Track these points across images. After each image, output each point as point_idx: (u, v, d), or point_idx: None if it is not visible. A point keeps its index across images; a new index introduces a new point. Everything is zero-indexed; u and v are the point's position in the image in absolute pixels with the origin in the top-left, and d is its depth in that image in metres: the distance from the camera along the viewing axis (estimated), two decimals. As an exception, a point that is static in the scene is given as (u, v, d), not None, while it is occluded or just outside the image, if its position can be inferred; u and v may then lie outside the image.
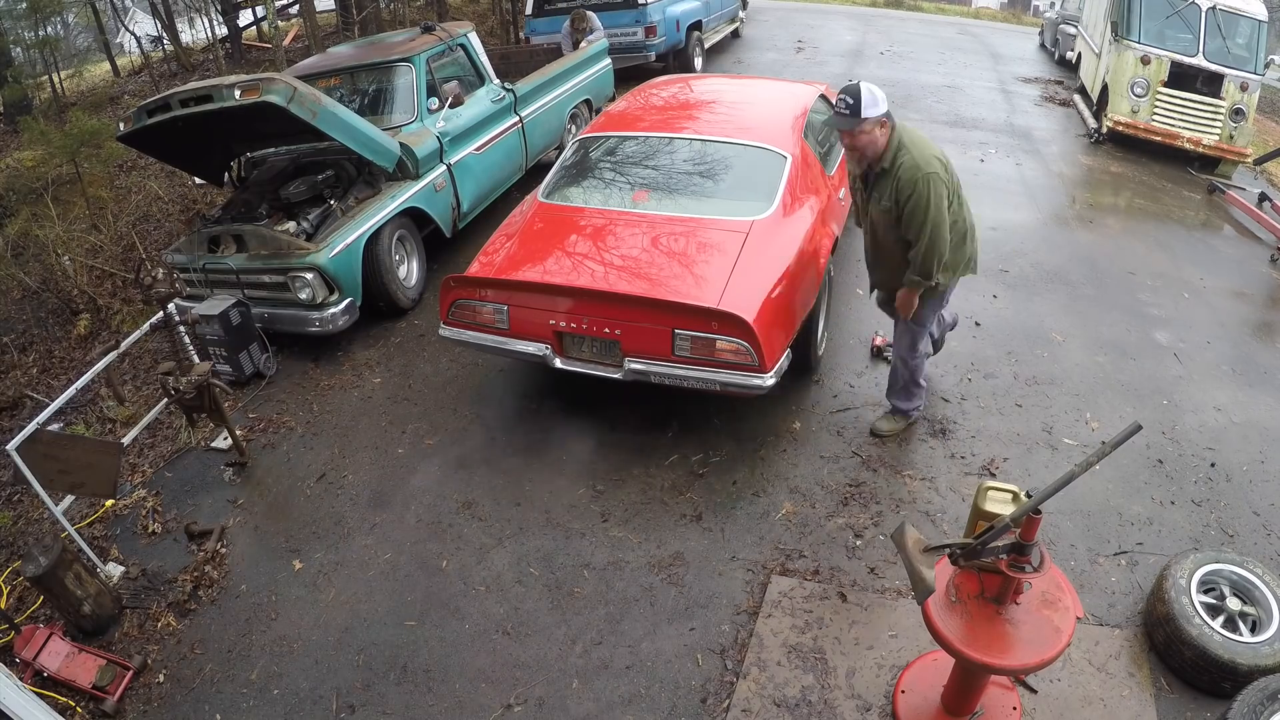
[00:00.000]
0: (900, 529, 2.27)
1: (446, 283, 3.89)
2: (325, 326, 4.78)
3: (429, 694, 2.98)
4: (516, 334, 3.83)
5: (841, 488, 3.74)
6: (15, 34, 9.70)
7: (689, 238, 3.87)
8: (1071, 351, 4.76)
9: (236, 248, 4.79)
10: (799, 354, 4.07)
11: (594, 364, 3.76)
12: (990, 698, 2.63)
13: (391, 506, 3.84)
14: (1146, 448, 3.96)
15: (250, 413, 4.58)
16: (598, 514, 3.67)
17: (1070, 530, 3.47)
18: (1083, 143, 8.79)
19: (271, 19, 8.51)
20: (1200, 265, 6.13)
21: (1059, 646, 2.14)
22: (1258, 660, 2.66)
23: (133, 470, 4.28)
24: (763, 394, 3.54)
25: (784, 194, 4.05)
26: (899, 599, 3.16)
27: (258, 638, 3.28)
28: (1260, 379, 4.65)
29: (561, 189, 4.46)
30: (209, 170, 5.64)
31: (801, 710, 2.79)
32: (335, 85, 5.78)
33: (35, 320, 6.26)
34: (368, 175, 5.28)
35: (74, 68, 11.37)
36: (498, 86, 6.37)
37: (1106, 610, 3.11)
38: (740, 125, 4.55)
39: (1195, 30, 8.06)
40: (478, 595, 3.35)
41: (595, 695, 2.92)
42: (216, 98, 4.33)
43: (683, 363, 3.54)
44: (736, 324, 3.34)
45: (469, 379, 4.69)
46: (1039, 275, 5.64)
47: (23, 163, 7.93)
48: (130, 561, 3.70)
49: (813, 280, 3.95)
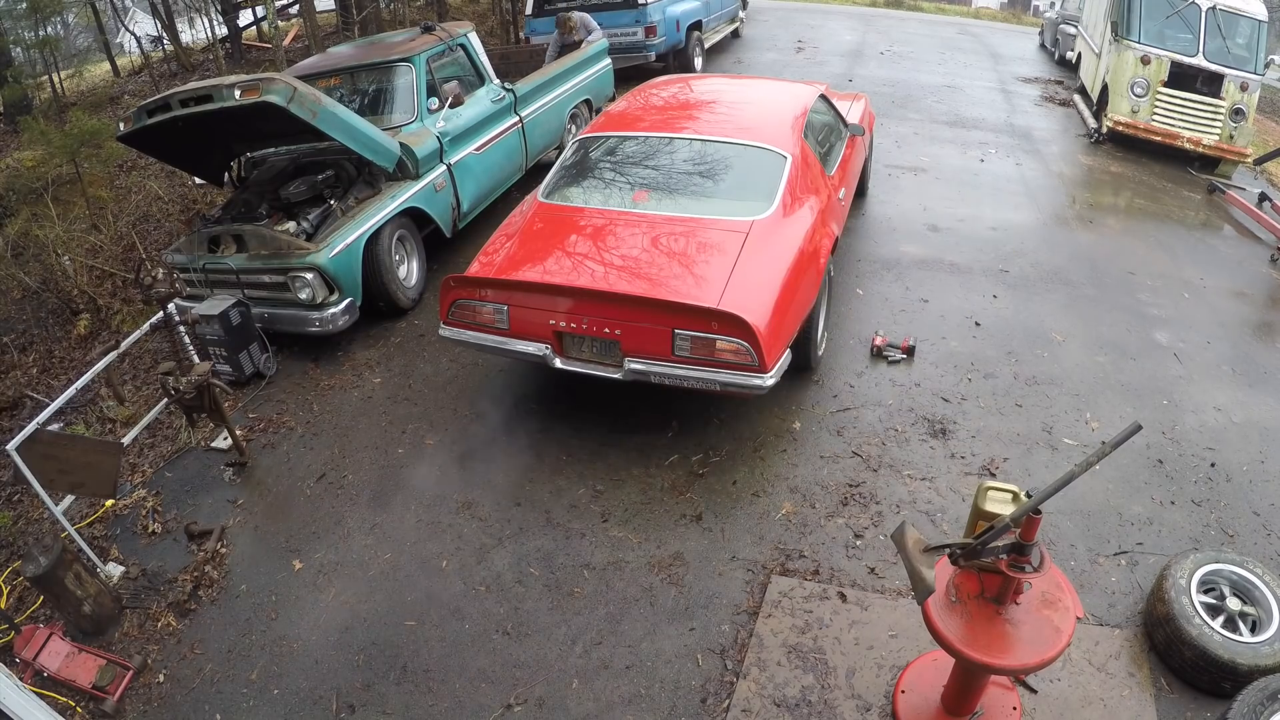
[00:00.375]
0: (900, 529, 2.27)
1: (446, 283, 3.88)
2: (325, 326, 4.78)
3: (429, 694, 2.98)
4: (516, 334, 3.82)
5: (841, 488, 3.74)
6: (15, 34, 9.69)
7: (689, 238, 3.87)
8: (1071, 351, 4.76)
9: (236, 248, 4.79)
10: (799, 354, 4.07)
11: (594, 364, 3.76)
12: (990, 698, 2.63)
13: (391, 506, 3.84)
14: (1146, 448, 3.96)
15: (250, 413, 4.58)
16: (598, 514, 3.67)
17: (1070, 530, 3.47)
18: (1083, 143, 8.79)
19: (271, 19, 8.51)
20: (1200, 265, 6.13)
21: (1059, 646, 2.14)
22: (1258, 660, 2.66)
23: (133, 470, 4.28)
24: (763, 394, 3.54)
25: (784, 194, 4.05)
26: (899, 599, 3.16)
27: (258, 638, 3.28)
28: (1260, 379, 4.65)
29: (561, 189, 4.46)
30: (209, 170, 5.64)
31: (801, 710, 2.79)
32: (335, 85, 5.78)
33: (35, 320, 6.27)
34: (368, 175, 5.28)
35: (74, 68, 11.36)
36: (498, 86, 6.37)
37: (1106, 610, 3.11)
38: (740, 125, 4.55)
39: (1195, 30, 8.06)
40: (478, 595, 3.35)
41: (595, 695, 2.92)
42: (216, 98, 4.33)
43: (683, 363, 3.54)
44: (736, 324, 3.34)
45: (469, 379, 4.69)
46: (1039, 275, 5.64)
47: (23, 163, 7.93)
48: (130, 561, 3.70)
49: (812, 280, 3.95)
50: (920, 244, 6.02)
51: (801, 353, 4.13)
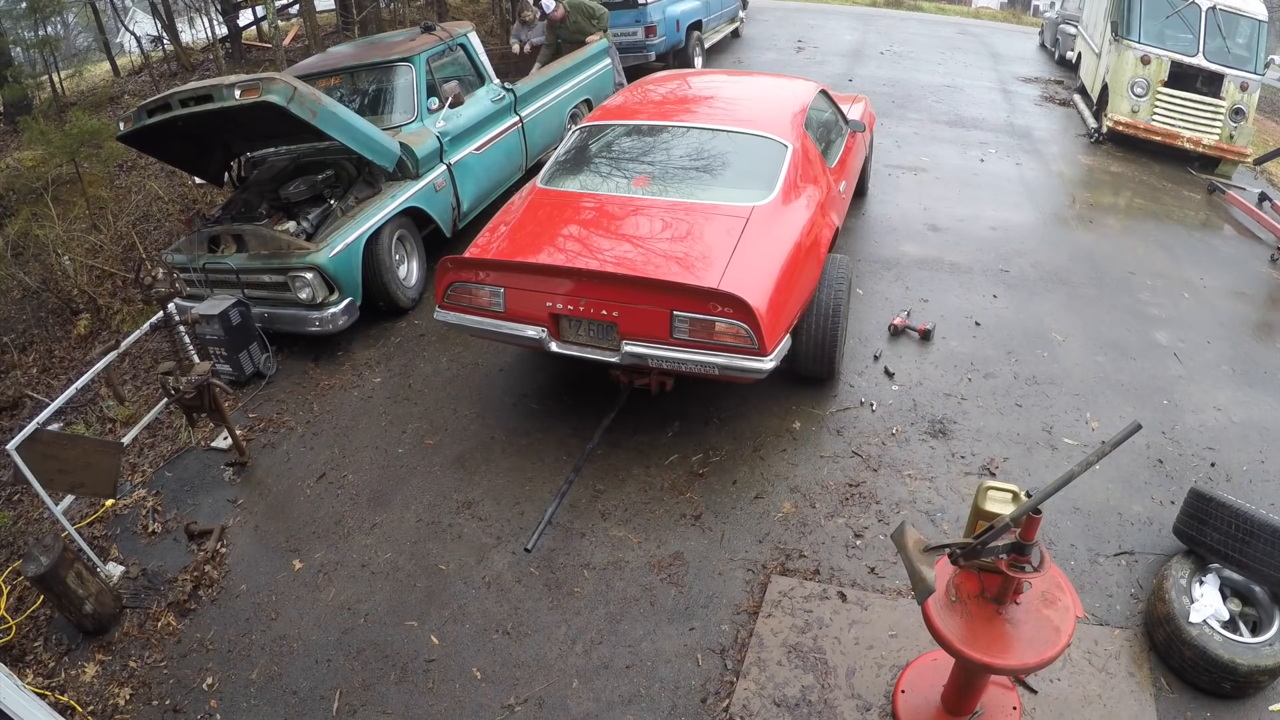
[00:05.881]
0: (900, 529, 2.27)
1: (443, 264, 3.83)
2: (325, 326, 4.78)
3: (429, 694, 2.98)
4: (513, 317, 3.77)
5: (841, 487, 3.74)
6: (15, 34, 9.69)
7: (689, 222, 3.86)
8: (1071, 351, 4.76)
9: (236, 248, 4.79)
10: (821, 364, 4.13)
11: (590, 347, 3.69)
12: (990, 698, 2.63)
13: (391, 506, 3.84)
14: (1146, 448, 3.96)
15: (250, 413, 4.58)
16: (598, 514, 3.67)
17: (1070, 530, 3.47)
18: (1083, 142, 8.79)
19: (271, 19, 8.51)
20: (1200, 265, 6.13)
21: (1059, 646, 2.14)
22: (1258, 660, 2.66)
23: (133, 470, 4.28)
24: (761, 378, 3.51)
25: (785, 182, 4.04)
26: (899, 599, 3.16)
27: (258, 638, 3.28)
28: (1260, 379, 4.65)
29: (561, 176, 4.44)
30: (209, 170, 5.64)
31: (801, 710, 2.79)
32: (335, 85, 5.78)
33: (35, 320, 6.27)
34: (368, 175, 5.28)
35: (74, 68, 11.36)
36: (498, 86, 6.37)
37: (1106, 610, 3.12)
38: (742, 116, 4.55)
39: (1195, 30, 8.06)
40: (478, 595, 3.35)
41: (595, 695, 2.92)
42: (216, 97, 4.33)
43: (681, 345, 3.49)
44: (736, 305, 3.31)
45: (469, 379, 4.69)
46: (1039, 275, 5.64)
47: (23, 163, 7.93)
48: (130, 561, 3.70)
49: (813, 269, 3.94)
50: (920, 244, 6.02)
51: (827, 359, 4.13)
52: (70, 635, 3.37)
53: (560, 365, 4.63)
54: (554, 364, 4.66)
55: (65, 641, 3.37)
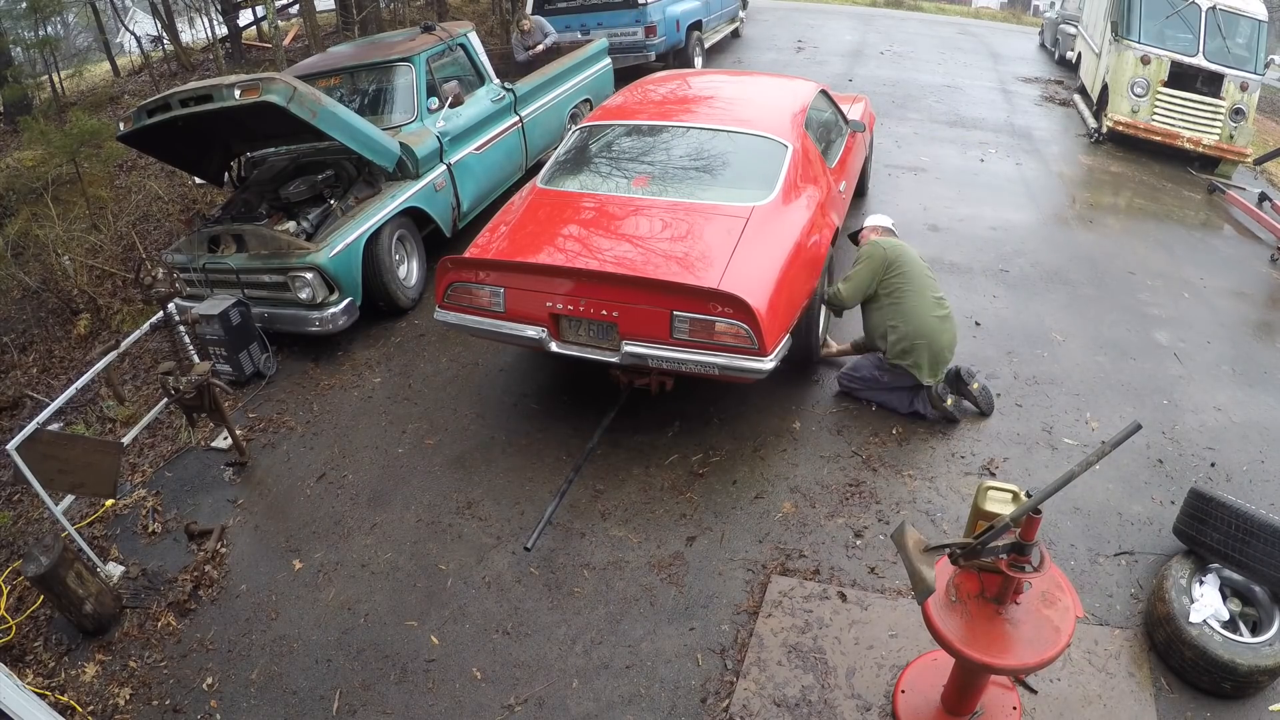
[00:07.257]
0: (900, 529, 2.27)
1: (443, 264, 3.83)
2: (325, 326, 4.78)
3: (429, 694, 2.98)
4: (513, 317, 3.77)
5: (841, 487, 3.74)
6: (15, 34, 9.70)
7: (689, 222, 3.86)
8: (1071, 351, 4.76)
9: (236, 248, 4.79)
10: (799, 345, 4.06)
11: (590, 347, 3.69)
12: (990, 698, 2.63)
13: (391, 506, 3.84)
14: (1146, 448, 3.96)
15: (250, 413, 4.58)
16: (598, 514, 3.67)
17: (1070, 530, 3.47)
18: (1083, 142, 8.79)
19: (271, 19, 8.51)
20: (1200, 265, 6.12)
21: (1059, 646, 2.13)
22: (1258, 661, 2.66)
23: (133, 470, 4.28)
24: (761, 378, 3.51)
25: (785, 182, 4.04)
26: (899, 599, 3.16)
27: (258, 638, 3.28)
28: (1260, 379, 4.65)
29: (560, 176, 4.44)
30: (209, 170, 5.64)
31: (801, 710, 2.79)
32: (335, 85, 5.78)
33: (35, 320, 6.27)
34: (368, 175, 5.28)
35: (74, 68, 11.37)
36: (498, 86, 6.37)
37: (1106, 610, 3.11)
38: (742, 116, 4.55)
39: (1195, 30, 8.06)
40: (478, 595, 3.35)
41: (595, 695, 2.92)
42: (216, 97, 4.33)
43: (681, 345, 3.49)
44: (736, 305, 3.31)
45: (469, 379, 4.69)
46: (1039, 275, 5.64)
47: (23, 163, 7.93)
48: (130, 561, 3.70)
49: (813, 268, 3.94)
50: (920, 244, 6.00)
51: (801, 343, 4.10)
52: (70, 635, 3.37)
53: (560, 365, 4.63)
54: (554, 364, 4.66)
55: (65, 641, 3.37)
